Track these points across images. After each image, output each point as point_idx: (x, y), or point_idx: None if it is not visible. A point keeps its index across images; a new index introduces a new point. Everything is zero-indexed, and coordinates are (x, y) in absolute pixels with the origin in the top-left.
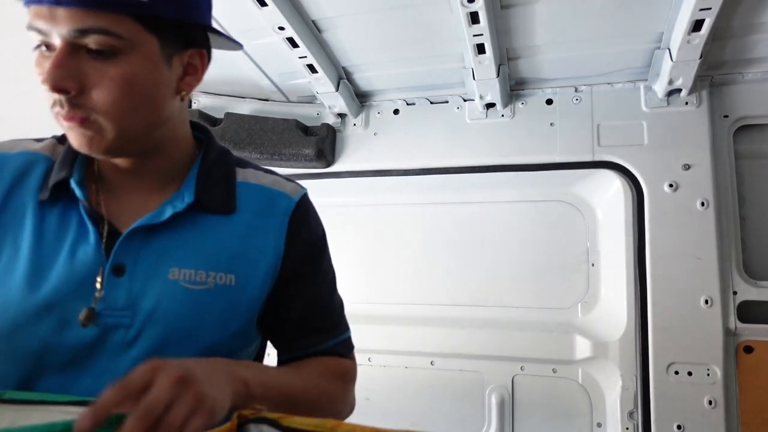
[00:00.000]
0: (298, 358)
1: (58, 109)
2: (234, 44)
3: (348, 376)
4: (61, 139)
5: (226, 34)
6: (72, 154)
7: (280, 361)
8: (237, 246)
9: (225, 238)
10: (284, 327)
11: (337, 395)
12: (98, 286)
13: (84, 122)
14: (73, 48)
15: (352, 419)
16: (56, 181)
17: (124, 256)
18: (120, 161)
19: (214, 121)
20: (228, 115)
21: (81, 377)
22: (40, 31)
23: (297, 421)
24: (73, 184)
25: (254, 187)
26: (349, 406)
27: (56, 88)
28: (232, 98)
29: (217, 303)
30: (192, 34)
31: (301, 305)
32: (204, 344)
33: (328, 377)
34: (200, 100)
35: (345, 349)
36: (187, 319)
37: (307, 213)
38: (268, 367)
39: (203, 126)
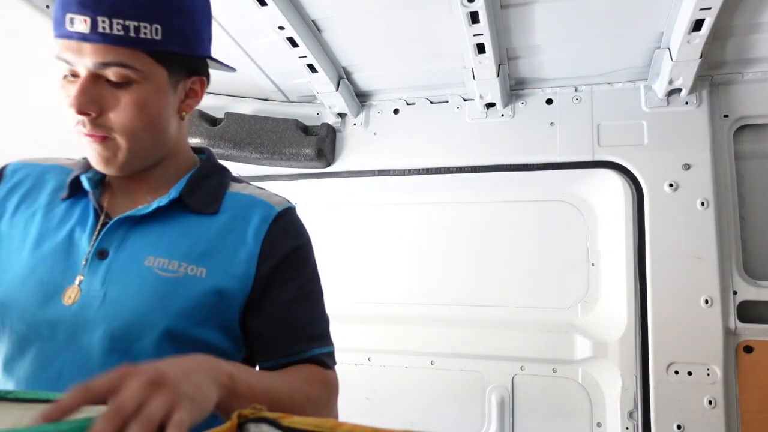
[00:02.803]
0: (280, 365)
1: (80, 128)
2: (228, 68)
3: (332, 385)
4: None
5: (222, 62)
6: (86, 166)
7: (261, 368)
8: (213, 243)
9: (203, 235)
10: (265, 332)
11: (321, 402)
12: (83, 267)
13: (103, 140)
14: (95, 77)
15: (352, 419)
16: (72, 178)
17: (108, 242)
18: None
19: (214, 121)
20: (228, 114)
21: (61, 353)
22: (67, 62)
23: (297, 420)
24: (83, 179)
25: (241, 196)
26: (332, 416)
27: (81, 111)
28: (233, 98)
29: (185, 290)
30: (195, 65)
31: (282, 313)
32: (164, 326)
33: (313, 383)
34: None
35: (328, 359)
36: (151, 301)
37: (290, 224)
38: (252, 369)
39: (208, 150)
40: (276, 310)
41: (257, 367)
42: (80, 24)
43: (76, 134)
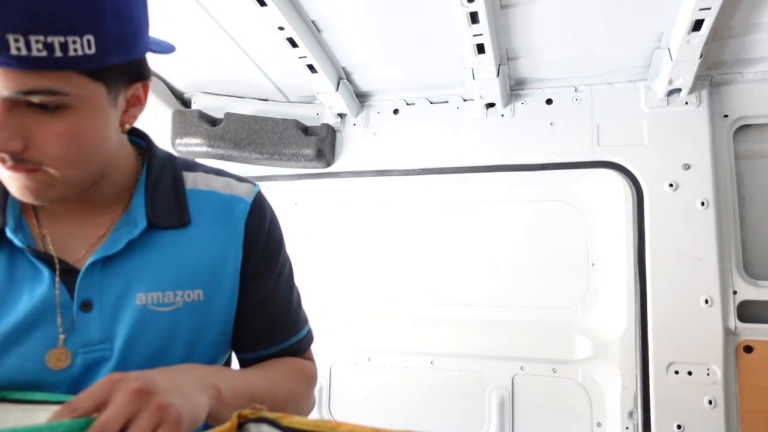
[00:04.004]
0: (255, 359)
1: None
2: (167, 49)
3: (309, 375)
4: None
5: (157, 41)
6: (1, 194)
7: (241, 360)
8: (199, 260)
9: (185, 253)
10: (244, 327)
11: (302, 396)
12: (59, 326)
13: (33, 171)
14: (12, 104)
15: (353, 419)
16: None
17: (88, 292)
18: None
19: (214, 121)
20: (228, 115)
21: None
22: None
23: (296, 421)
24: (10, 235)
25: (206, 195)
26: (310, 406)
27: (2, 150)
28: (232, 98)
29: (188, 320)
30: (137, 68)
31: (259, 304)
32: (177, 361)
33: (293, 378)
34: (200, 100)
35: (303, 345)
36: (163, 341)
37: (262, 213)
38: (236, 372)
39: (141, 131)
40: (255, 302)
41: (234, 357)
42: None
43: None
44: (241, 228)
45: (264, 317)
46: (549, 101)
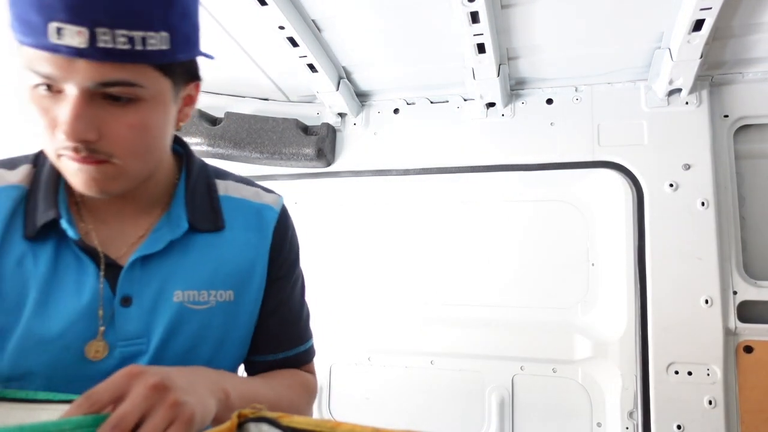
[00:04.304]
0: (263, 363)
1: (71, 153)
2: (207, 56)
3: (311, 389)
4: (36, 160)
5: (206, 53)
6: (53, 186)
7: (247, 362)
8: (231, 262)
9: (219, 255)
10: (256, 329)
11: (302, 408)
12: (100, 318)
13: (101, 163)
14: (90, 96)
15: (353, 419)
16: (45, 222)
17: (129, 288)
18: None
19: (214, 121)
20: (228, 114)
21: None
22: (48, 77)
23: (296, 420)
24: (64, 225)
25: (238, 202)
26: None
27: (78, 139)
28: (232, 98)
29: (219, 319)
30: (195, 68)
31: (273, 311)
32: (208, 357)
33: (296, 390)
34: (200, 100)
35: (307, 357)
36: (196, 338)
37: (288, 223)
38: (243, 379)
39: (179, 138)
40: (270, 307)
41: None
42: (73, 36)
43: (56, 158)
44: (270, 234)
45: (276, 322)
46: (549, 101)
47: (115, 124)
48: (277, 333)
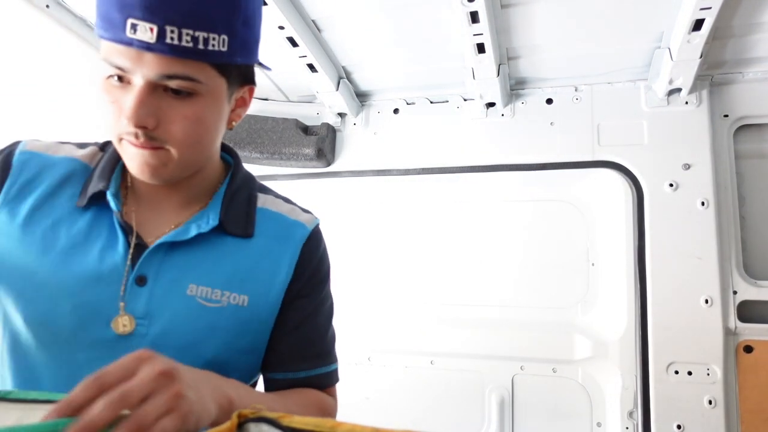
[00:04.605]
0: (283, 380)
1: (130, 138)
2: (266, 68)
3: (328, 411)
4: (103, 147)
5: (265, 64)
6: (111, 166)
7: (267, 380)
8: (252, 269)
9: (242, 260)
10: (277, 345)
11: None
12: (122, 293)
13: (157, 149)
14: (153, 86)
15: (353, 419)
16: (94, 192)
17: (148, 268)
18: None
19: None
20: None
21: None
22: (121, 68)
23: (296, 420)
24: (109, 196)
25: (272, 214)
26: None
27: (139, 125)
28: None
29: (229, 321)
30: (250, 73)
31: (294, 328)
32: (209, 356)
33: (310, 410)
34: None
35: (329, 380)
36: (199, 333)
37: (318, 243)
38: (253, 391)
39: (232, 149)
40: (291, 324)
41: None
42: (145, 32)
43: (118, 141)
44: (298, 250)
45: (298, 339)
46: (549, 101)
47: (173, 114)
48: (297, 350)
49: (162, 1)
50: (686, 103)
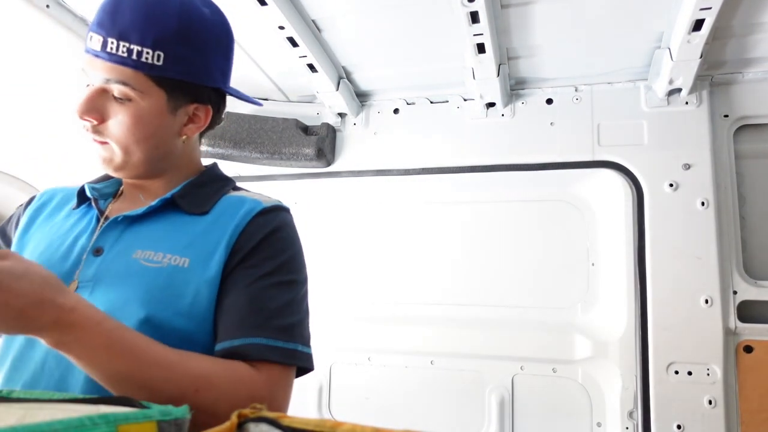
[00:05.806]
0: (219, 352)
1: (86, 132)
2: (253, 102)
3: (239, 380)
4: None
5: (244, 96)
6: (106, 176)
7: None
8: (197, 236)
9: (189, 229)
10: (216, 321)
11: (204, 397)
12: (81, 263)
13: (102, 144)
14: (102, 90)
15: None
16: (80, 189)
17: (104, 241)
18: (133, 182)
19: None
20: (228, 114)
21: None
22: (86, 74)
23: (297, 420)
24: (86, 187)
25: (234, 198)
26: (205, 405)
27: (81, 116)
28: (232, 97)
29: (167, 279)
30: (198, 92)
31: (235, 298)
32: (144, 315)
33: (217, 373)
34: None
35: (262, 353)
36: (135, 290)
37: (271, 219)
38: (129, 329)
39: (214, 163)
40: (232, 294)
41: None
42: (96, 42)
43: (91, 140)
44: (245, 221)
45: (237, 309)
46: (549, 101)
47: (113, 114)
48: (236, 320)
49: (108, 19)
50: (686, 103)
